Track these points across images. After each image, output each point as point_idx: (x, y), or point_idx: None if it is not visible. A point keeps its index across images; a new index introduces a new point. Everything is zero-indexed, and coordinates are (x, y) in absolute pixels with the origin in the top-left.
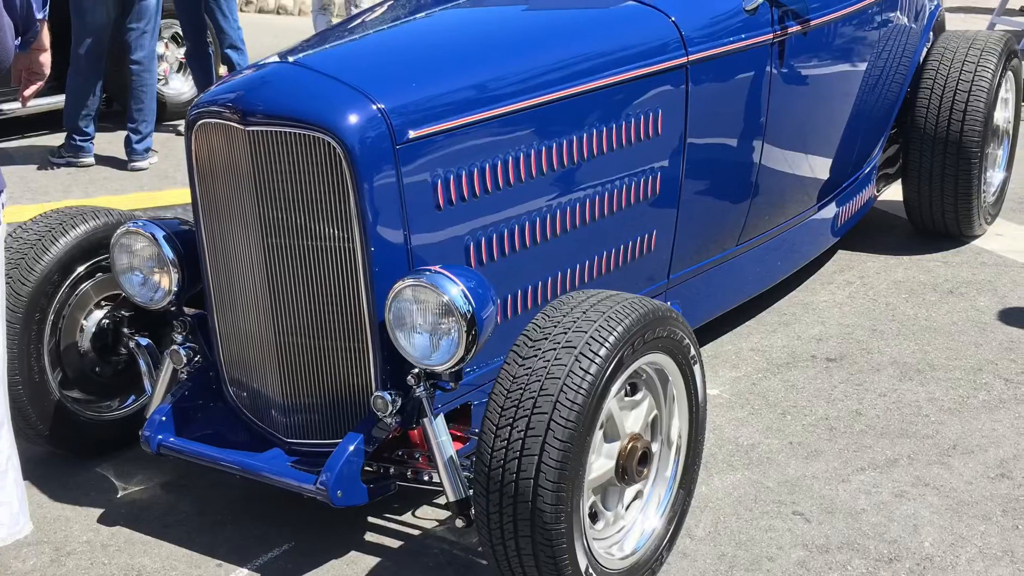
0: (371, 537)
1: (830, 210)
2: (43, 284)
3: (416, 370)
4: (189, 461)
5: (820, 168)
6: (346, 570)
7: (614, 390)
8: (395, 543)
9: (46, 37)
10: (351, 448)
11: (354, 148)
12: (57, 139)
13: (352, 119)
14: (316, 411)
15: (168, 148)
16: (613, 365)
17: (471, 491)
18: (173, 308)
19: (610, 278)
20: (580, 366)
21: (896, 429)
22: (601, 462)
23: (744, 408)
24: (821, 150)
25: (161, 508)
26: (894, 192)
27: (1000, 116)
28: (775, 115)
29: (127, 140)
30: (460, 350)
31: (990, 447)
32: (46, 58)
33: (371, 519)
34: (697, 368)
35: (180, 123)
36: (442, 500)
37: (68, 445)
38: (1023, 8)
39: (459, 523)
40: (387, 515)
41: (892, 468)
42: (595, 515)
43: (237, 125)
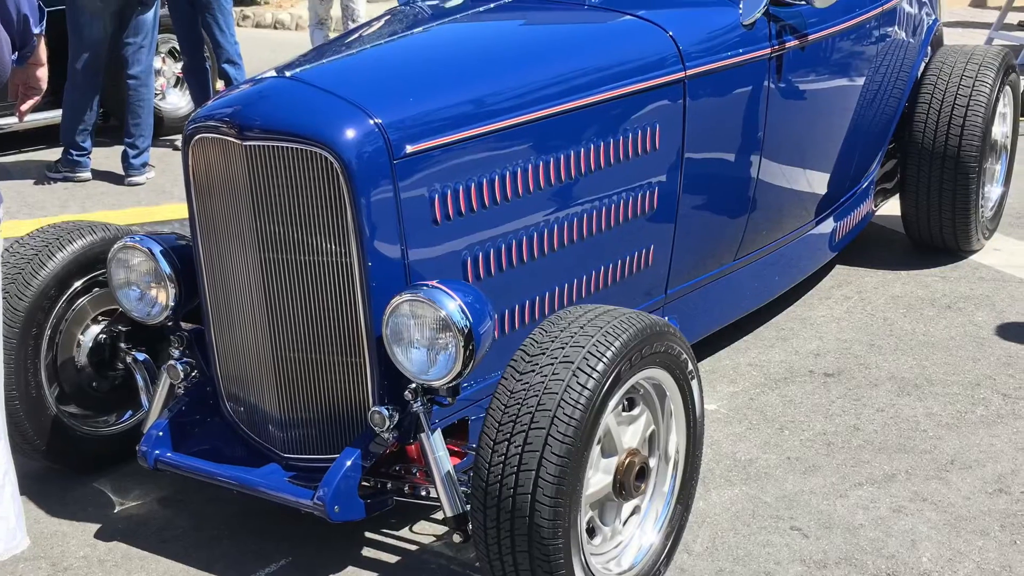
0: (368, 552)
1: (828, 225)
2: (40, 299)
3: (413, 385)
4: (186, 476)
5: (818, 183)
6: None
7: (612, 405)
8: (392, 558)
9: (43, 52)
10: (348, 463)
11: (351, 163)
12: (54, 154)
13: (349, 134)
14: (313, 426)
15: (165, 163)
16: (611, 380)
17: (468, 506)
18: (170, 323)
19: (607, 293)
20: (578, 381)
21: (894, 444)
22: (599, 477)
23: (742, 423)
24: (819, 165)
25: (158, 523)
26: (892, 207)
27: (998, 131)
28: (773, 130)
29: (124, 155)
30: (457, 365)
31: (988, 462)
32: (43, 73)
33: (368, 534)
34: (695, 383)
35: (177, 138)
36: (439, 515)
37: (65, 460)
38: (1021, 23)
39: (456, 538)
40: (384, 530)
41: (890, 483)
42: (592, 530)
43: (234, 140)
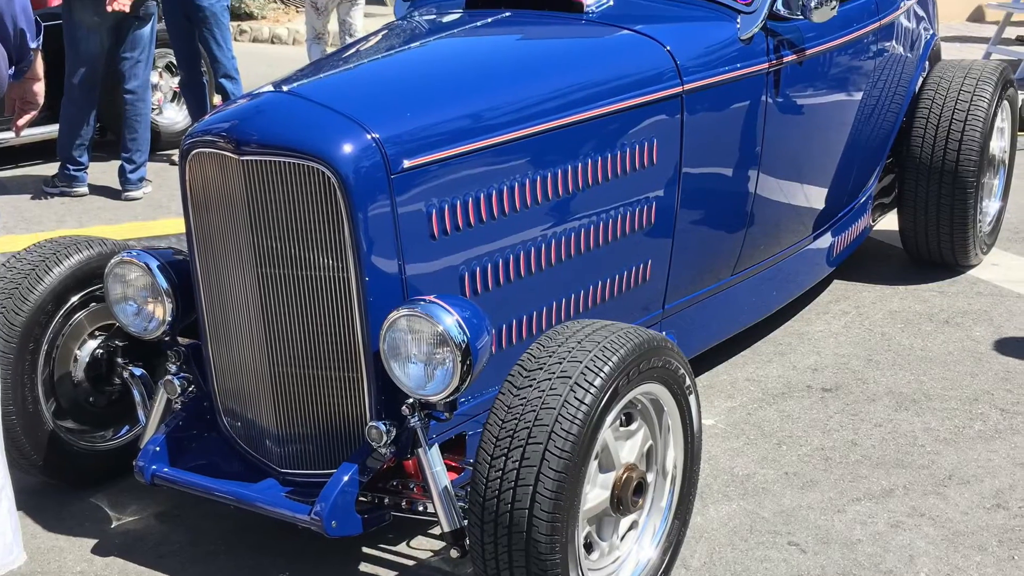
0: (366, 568)
1: (825, 240)
2: (37, 314)
3: (411, 400)
4: (183, 491)
5: (815, 198)
6: None
7: (609, 420)
8: (390, 573)
9: (40, 66)
10: (345, 478)
11: (349, 177)
12: (51, 169)
13: (347, 148)
14: (310, 441)
15: (162, 178)
16: (608, 395)
17: (466, 521)
18: (167, 338)
19: (605, 308)
20: (575, 396)
21: (892, 459)
22: (596, 492)
23: (739, 438)
24: (816, 180)
25: (155, 538)
26: (890, 222)
27: (996, 145)
28: (770, 144)
29: (121, 170)
30: (455, 380)
31: (986, 477)
32: (40, 87)
33: (366, 549)
34: (692, 398)
35: (174, 152)
36: (437, 530)
37: (62, 475)
38: (1019, 37)
39: (454, 553)
40: (382, 545)
41: (888, 498)
42: (590, 545)
43: (231, 154)
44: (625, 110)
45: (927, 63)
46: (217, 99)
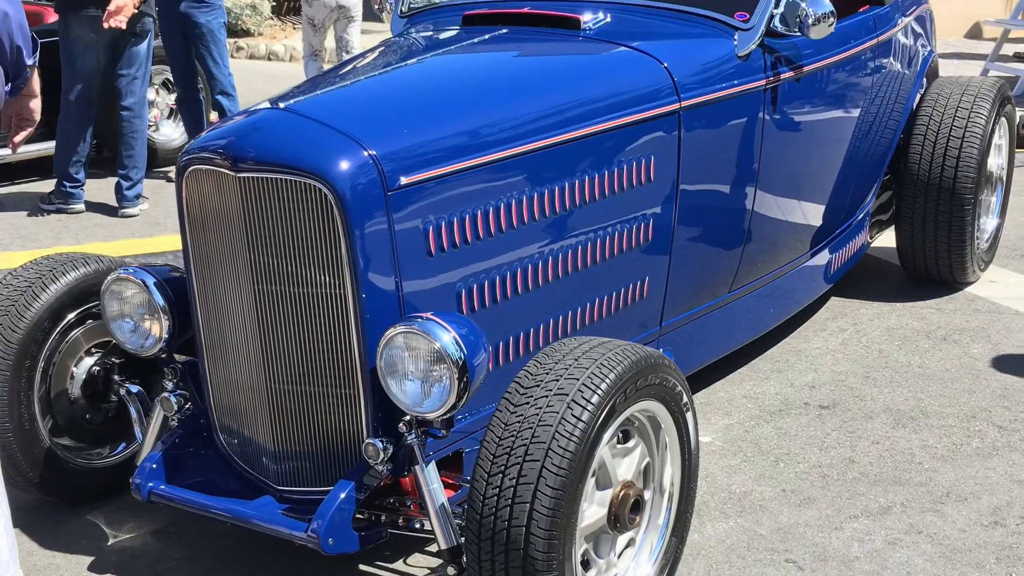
0: None
1: (823, 257)
2: (33, 331)
3: (408, 417)
4: (180, 508)
5: (813, 215)
6: None
7: (606, 437)
8: None
9: (36, 83)
10: (342, 495)
11: (345, 194)
12: (47, 185)
13: (343, 165)
14: (307, 458)
15: (159, 195)
16: (605, 412)
17: (463, 539)
18: (164, 355)
19: (602, 325)
20: (572, 413)
21: (889, 476)
22: (593, 510)
23: (737, 455)
24: (814, 196)
25: (152, 556)
26: (887, 239)
27: (994, 162)
28: (768, 161)
29: (117, 186)
30: (452, 397)
31: (984, 495)
32: (36, 104)
33: (362, 567)
34: (690, 415)
35: (171, 169)
36: (434, 548)
37: (58, 492)
38: (1017, 54)
39: (451, 571)
40: (378, 563)
41: (885, 516)
42: (587, 563)
43: (228, 171)
44: (622, 127)
45: (925, 80)
46: (214, 116)
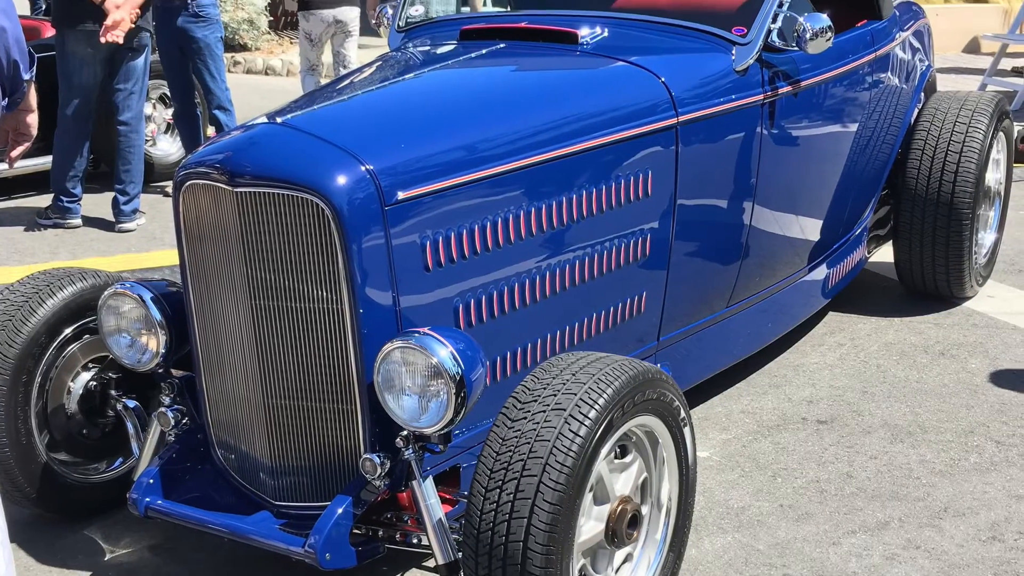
0: None
1: (821, 272)
2: (30, 346)
3: (405, 432)
4: (177, 524)
5: (811, 229)
6: None
7: (604, 452)
8: None
9: (33, 98)
10: (340, 511)
11: (342, 209)
12: (44, 200)
13: (340, 180)
14: (304, 473)
15: (156, 209)
16: (603, 427)
17: (460, 554)
18: (161, 370)
19: (600, 340)
20: (570, 428)
21: (887, 492)
22: (591, 525)
23: (734, 470)
24: (811, 211)
25: (149, 571)
26: (885, 253)
27: (991, 177)
28: (765, 176)
29: (115, 201)
30: (449, 412)
31: (981, 510)
32: (33, 119)
33: None
34: (687, 430)
35: (168, 184)
36: (431, 563)
37: (55, 507)
38: (1015, 69)
39: None
40: None
41: (883, 531)
42: None
43: (225, 186)
44: (620, 142)
45: (922, 94)
46: (211, 131)
